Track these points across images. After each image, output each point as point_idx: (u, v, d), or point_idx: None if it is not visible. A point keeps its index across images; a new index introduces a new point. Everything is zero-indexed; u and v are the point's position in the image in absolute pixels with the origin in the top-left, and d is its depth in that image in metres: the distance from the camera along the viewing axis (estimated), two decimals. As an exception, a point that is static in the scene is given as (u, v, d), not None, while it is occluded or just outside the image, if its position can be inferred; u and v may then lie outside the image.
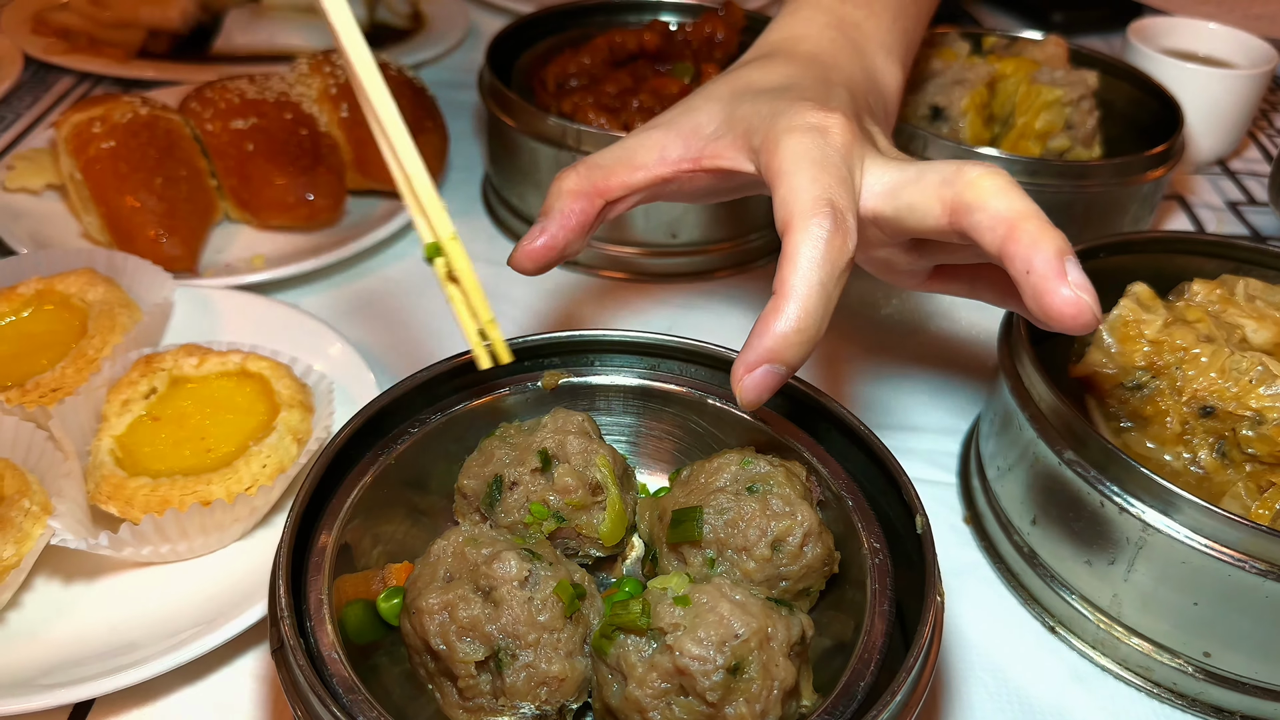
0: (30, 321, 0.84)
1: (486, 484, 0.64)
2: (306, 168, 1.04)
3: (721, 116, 0.68)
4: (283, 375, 0.80)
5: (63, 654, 0.66)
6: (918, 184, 0.60)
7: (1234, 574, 0.63)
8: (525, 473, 0.64)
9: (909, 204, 0.60)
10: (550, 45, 1.23)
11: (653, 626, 0.54)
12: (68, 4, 1.40)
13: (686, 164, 0.69)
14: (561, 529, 0.64)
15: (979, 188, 0.57)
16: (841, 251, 0.58)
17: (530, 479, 0.63)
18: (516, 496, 0.63)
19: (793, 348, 0.57)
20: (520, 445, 0.65)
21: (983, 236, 0.57)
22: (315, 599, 0.56)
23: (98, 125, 0.99)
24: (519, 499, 0.63)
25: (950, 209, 0.58)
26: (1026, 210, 0.56)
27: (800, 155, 0.61)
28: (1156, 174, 1.06)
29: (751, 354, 0.57)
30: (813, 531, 0.60)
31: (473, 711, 0.57)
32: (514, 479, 0.64)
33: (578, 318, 1.03)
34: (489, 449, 0.66)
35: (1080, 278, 0.55)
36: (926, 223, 0.60)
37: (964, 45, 1.18)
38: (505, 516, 0.63)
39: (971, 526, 0.82)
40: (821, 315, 0.58)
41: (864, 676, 0.53)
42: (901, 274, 0.72)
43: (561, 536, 0.64)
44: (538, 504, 0.63)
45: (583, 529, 0.64)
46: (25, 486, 0.70)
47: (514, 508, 0.63)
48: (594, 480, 0.64)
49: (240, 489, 0.71)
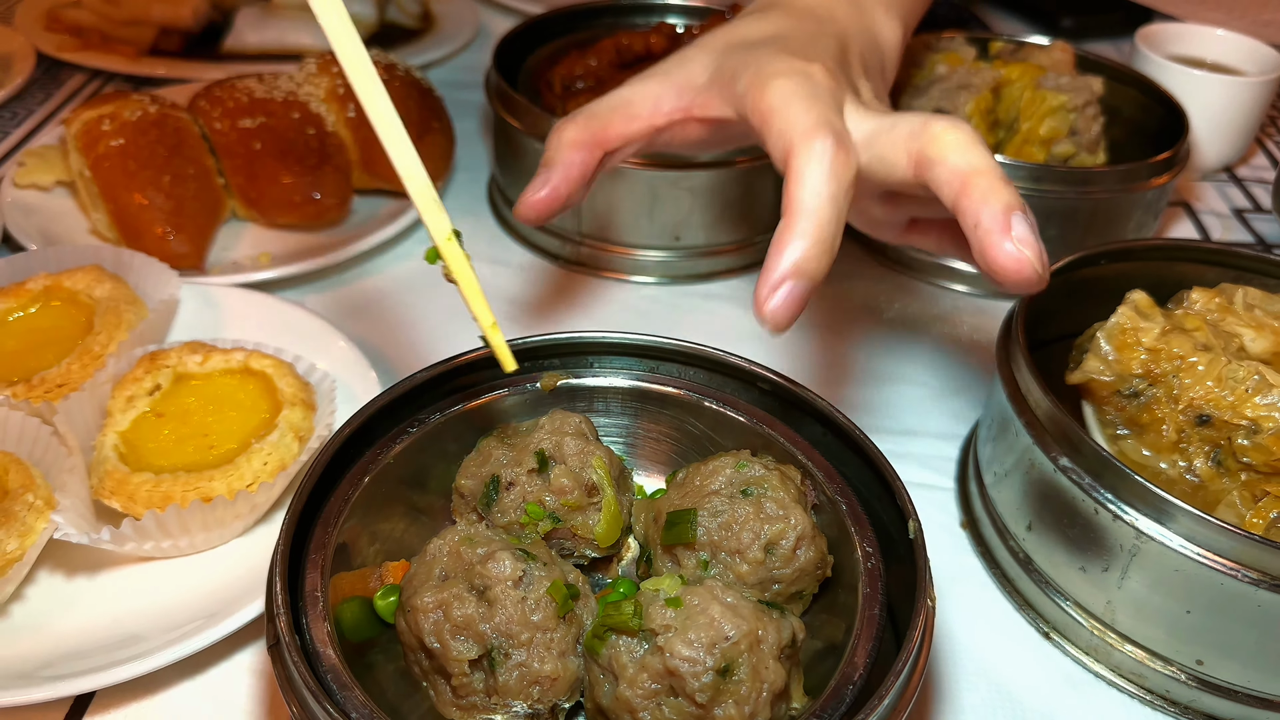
0: (38, 317, 0.85)
1: (483, 484, 0.65)
2: (313, 167, 1.05)
3: (713, 67, 0.69)
4: (286, 373, 0.81)
5: (64, 647, 0.67)
6: (889, 135, 0.61)
7: (1226, 583, 0.63)
8: (522, 473, 0.64)
9: (880, 155, 0.61)
10: (558, 47, 1.24)
11: (644, 627, 0.54)
12: (80, 1, 1.41)
13: (679, 114, 0.70)
14: (557, 530, 0.64)
15: (941, 142, 0.58)
16: (846, 166, 0.58)
17: (527, 479, 0.64)
18: (513, 497, 0.64)
19: (811, 260, 0.57)
20: (517, 446, 0.66)
21: (941, 190, 0.57)
22: (311, 595, 0.57)
23: (107, 123, 1.00)
24: (515, 499, 0.64)
25: (915, 162, 0.59)
26: (982, 165, 0.57)
27: (790, 92, 0.62)
28: (1161, 180, 1.06)
29: (773, 274, 0.58)
30: (806, 535, 0.61)
31: (466, 709, 0.57)
32: (510, 479, 0.64)
33: (579, 319, 1.04)
34: (486, 449, 0.67)
35: (1026, 233, 0.55)
36: (895, 175, 0.61)
37: (970, 50, 1.18)
38: (501, 516, 0.64)
39: (968, 531, 0.83)
40: (835, 228, 0.58)
41: (853, 679, 0.54)
42: (879, 225, 0.73)
43: (557, 537, 0.65)
44: (534, 504, 0.64)
45: (578, 530, 0.64)
46: (30, 481, 0.71)
47: (510, 508, 0.64)
48: (590, 481, 0.64)
49: (242, 485, 0.72)
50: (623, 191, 1.03)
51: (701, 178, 1.02)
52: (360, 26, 1.51)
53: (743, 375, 0.72)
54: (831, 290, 1.09)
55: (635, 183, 1.02)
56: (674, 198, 1.03)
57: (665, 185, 1.02)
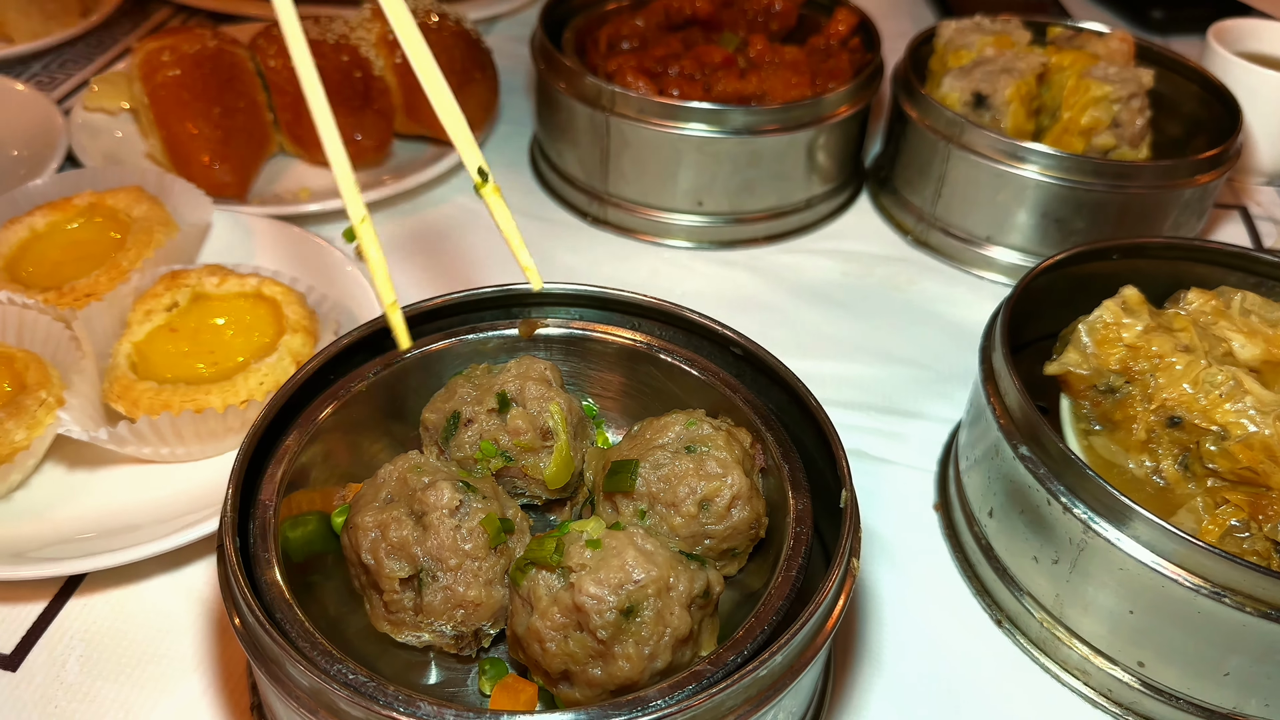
0: (79, 231, 0.91)
1: (445, 418, 0.68)
2: (356, 109, 1.09)
3: None
4: (294, 301, 0.85)
5: (59, 533, 0.73)
6: None
7: (1168, 586, 0.63)
8: (482, 411, 0.67)
9: None
10: (615, 6, 1.25)
11: (562, 564, 0.57)
12: (172, -63, 1.48)
13: None
14: (508, 468, 0.67)
15: None
16: None
17: (486, 418, 0.67)
18: (470, 433, 0.67)
19: None
20: (482, 386, 0.68)
21: None
22: (263, 511, 0.61)
23: (167, 54, 1.05)
24: (472, 436, 0.67)
25: None
26: None
27: None
28: (1205, 179, 1.02)
29: None
30: (741, 495, 0.62)
31: (396, 625, 0.61)
32: (470, 416, 0.67)
33: (594, 274, 1.06)
34: (454, 386, 0.70)
35: None
36: None
37: (1024, 34, 1.16)
38: (458, 451, 0.67)
39: (940, 514, 0.83)
40: None
41: (755, 635, 0.55)
42: None
43: (509, 475, 0.67)
44: (488, 442, 0.66)
45: (529, 470, 0.67)
46: (46, 379, 0.77)
47: (467, 443, 0.67)
48: (545, 426, 0.67)
49: (235, 401, 0.77)
50: (648, 154, 1.05)
51: (726, 143, 1.03)
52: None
53: (716, 338, 0.73)
54: (855, 267, 1.09)
55: (660, 145, 1.03)
56: (697, 163, 1.04)
57: (690, 149, 1.03)
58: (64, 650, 0.69)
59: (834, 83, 1.09)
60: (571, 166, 1.12)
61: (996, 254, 1.08)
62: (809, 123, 1.05)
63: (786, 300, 1.05)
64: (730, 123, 1.02)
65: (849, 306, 1.04)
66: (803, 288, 1.06)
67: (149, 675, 0.68)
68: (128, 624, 0.71)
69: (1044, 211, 1.03)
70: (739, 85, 1.06)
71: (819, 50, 1.15)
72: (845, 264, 1.10)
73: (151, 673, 0.69)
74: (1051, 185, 1.01)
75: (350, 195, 0.63)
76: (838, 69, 1.11)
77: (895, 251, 1.12)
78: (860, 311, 1.04)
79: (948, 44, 1.16)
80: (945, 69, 1.13)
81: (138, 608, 0.72)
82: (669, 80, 1.07)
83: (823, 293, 1.06)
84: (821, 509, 0.65)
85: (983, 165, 1.03)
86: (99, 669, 0.69)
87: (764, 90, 1.06)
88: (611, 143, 1.06)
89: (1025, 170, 1.01)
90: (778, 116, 1.03)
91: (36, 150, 1.08)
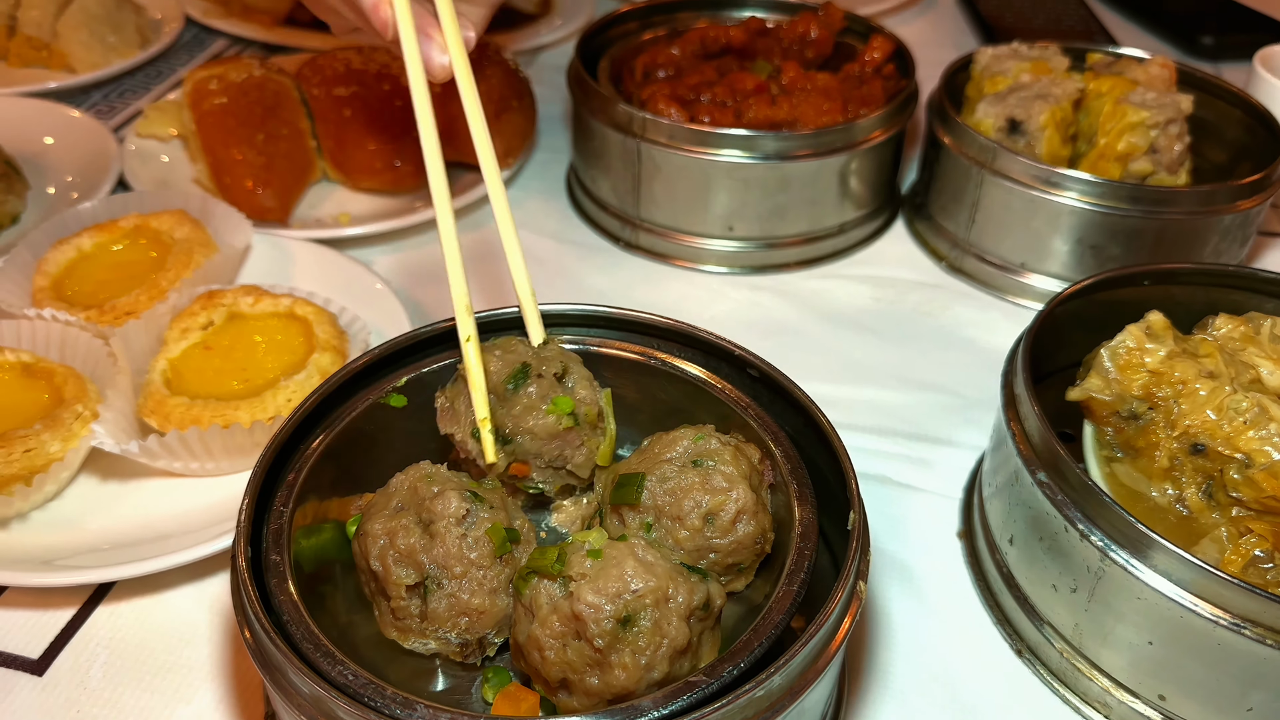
0: (124, 252, 0.95)
1: (513, 367, 0.68)
2: (396, 136, 1.11)
3: None
4: (325, 321, 0.87)
5: (88, 542, 0.75)
6: None
7: (1186, 617, 0.61)
8: (549, 374, 0.68)
9: None
10: (652, 36, 1.27)
11: (563, 573, 0.57)
12: (231, -28, 1.54)
13: None
14: (571, 431, 0.67)
15: None
16: None
17: (550, 382, 0.68)
18: (543, 388, 0.67)
19: None
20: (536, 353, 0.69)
21: None
22: (278, 520, 0.62)
23: (215, 83, 1.09)
24: (544, 390, 0.67)
25: None
26: None
27: None
28: (1247, 204, 1.01)
29: None
30: (747, 509, 0.62)
31: (403, 631, 0.61)
32: (540, 372, 0.68)
33: (623, 296, 1.07)
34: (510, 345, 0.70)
35: None
36: None
37: (1063, 60, 1.15)
38: (524, 399, 0.67)
39: (963, 542, 0.82)
40: None
41: (752, 648, 0.55)
42: None
43: (567, 441, 0.68)
44: (567, 399, 0.67)
45: (586, 441, 0.68)
46: (83, 393, 0.80)
47: (536, 396, 0.67)
48: (602, 408, 0.69)
49: (263, 417, 0.79)
50: (679, 179, 1.06)
51: (757, 169, 1.03)
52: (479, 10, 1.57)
53: (733, 360, 0.73)
54: (887, 293, 1.09)
55: (691, 170, 1.04)
56: (728, 188, 1.05)
57: (721, 174, 1.04)
58: (89, 656, 0.71)
59: (866, 109, 1.09)
60: (604, 192, 1.13)
61: (1032, 281, 1.07)
62: (841, 148, 1.05)
63: (816, 325, 1.04)
64: (761, 148, 1.03)
65: (880, 332, 1.04)
66: (833, 313, 1.06)
67: (169, 683, 0.70)
68: (151, 632, 0.73)
69: (1079, 238, 1.02)
70: (770, 111, 1.07)
71: (853, 77, 1.15)
72: (877, 290, 1.10)
73: (171, 681, 0.70)
74: (1087, 211, 1.00)
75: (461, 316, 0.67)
76: (871, 95, 1.12)
77: (929, 278, 1.11)
78: (891, 337, 1.03)
79: (984, 70, 1.15)
80: (981, 96, 1.12)
81: (162, 617, 0.74)
82: (701, 107, 1.08)
83: (853, 318, 1.06)
84: (837, 531, 0.65)
85: (1016, 191, 1.02)
86: (121, 676, 0.70)
87: (795, 116, 1.07)
88: (643, 168, 1.07)
89: (1060, 196, 1.00)
90: (809, 142, 1.04)
91: (90, 175, 1.13)
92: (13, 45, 1.38)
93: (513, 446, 0.67)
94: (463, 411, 0.68)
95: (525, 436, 0.67)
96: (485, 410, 0.66)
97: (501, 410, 0.67)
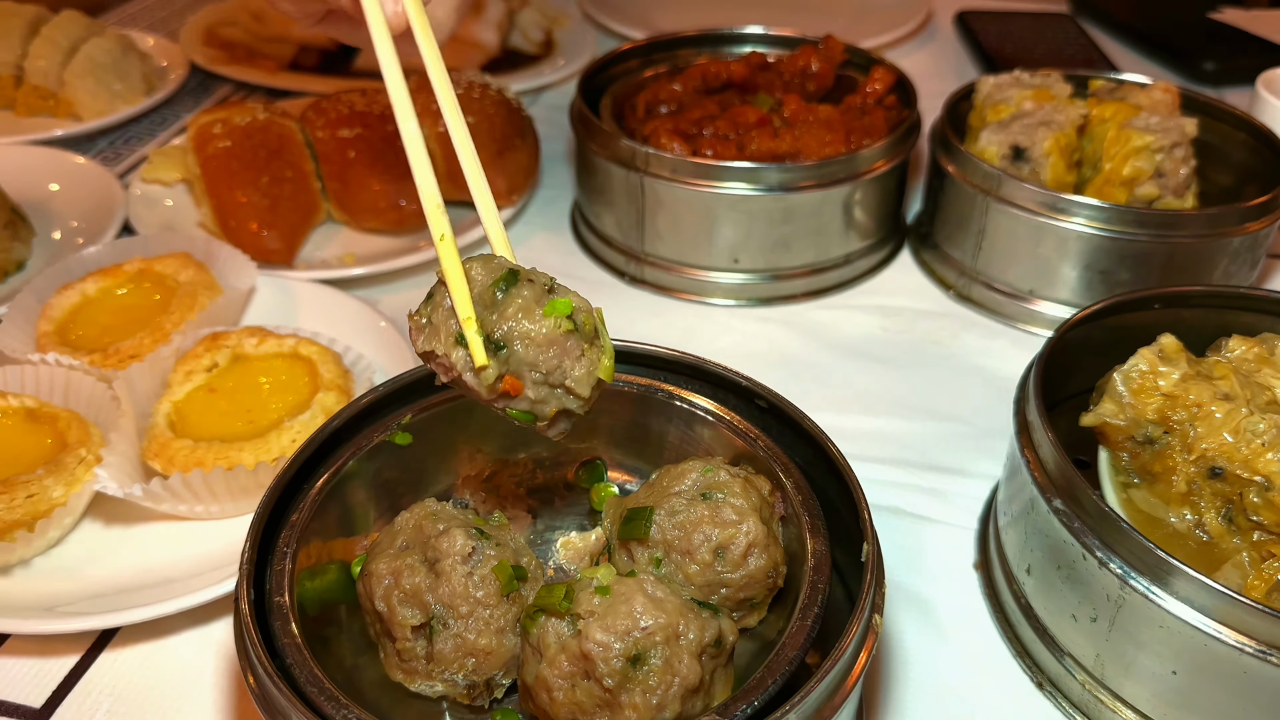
0: (128, 296, 0.95)
1: (498, 275, 0.58)
2: (400, 176, 1.12)
3: None
4: (329, 360, 0.86)
5: (91, 588, 0.74)
6: None
7: (1211, 645, 0.60)
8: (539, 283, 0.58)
9: None
10: (653, 73, 1.28)
11: (571, 611, 0.56)
12: (235, 20, 1.55)
13: None
14: (570, 337, 0.57)
15: None
16: None
17: (541, 289, 0.58)
18: (536, 292, 0.57)
19: None
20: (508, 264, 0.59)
21: None
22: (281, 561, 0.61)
23: (218, 126, 1.10)
24: (538, 294, 0.57)
25: None
26: None
27: None
28: (1255, 226, 1.00)
29: None
30: (758, 542, 0.61)
31: (409, 674, 0.60)
32: (531, 279, 0.58)
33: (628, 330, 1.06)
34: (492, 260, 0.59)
35: None
36: None
37: (1065, 87, 1.15)
38: (517, 299, 0.57)
39: (980, 573, 0.80)
40: None
41: (766, 686, 0.54)
42: None
43: (566, 348, 0.57)
44: (564, 300, 0.57)
45: (587, 351, 0.57)
46: (86, 438, 0.79)
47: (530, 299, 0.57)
48: (596, 325, 0.59)
49: (267, 458, 0.78)
50: (683, 213, 1.05)
51: (761, 201, 1.03)
52: (482, 52, 1.59)
53: (742, 392, 0.73)
54: (895, 323, 1.08)
55: (695, 204, 1.04)
56: (733, 220, 1.04)
57: (724, 207, 1.04)
58: (93, 705, 0.70)
59: (869, 139, 1.09)
60: (609, 227, 1.13)
61: (1041, 307, 1.06)
62: (844, 179, 1.05)
63: (825, 356, 1.04)
64: (765, 180, 1.03)
65: (889, 362, 1.03)
66: (841, 343, 1.05)
67: (173, 729, 0.69)
68: (156, 678, 0.72)
69: (1087, 263, 1.01)
70: (773, 144, 1.07)
71: (854, 108, 1.15)
72: (885, 319, 1.09)
73: (175, 727, 0.69)
74: (1095, 236, 0.99)
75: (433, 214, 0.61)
76: (873, 126, 1.12)
77: (937, 306, 1.11)
78: (900, 367, 1.02)
79: (986, 99, 1.15)
80: (984, 124, 1.12)
81: (166, 662, 0.73)
82: (703, 141, 1.08)
83: (862, 348, 1.05)
84: (850, 563, 0.64)
85: (1022, 218, 1.02)
86: (125, 723, 0.69)
87: (798, 148, 1.07)
88: (646, 203, 1.07)
89: (1067, 222, 0.99)
90: (812, 173, 1.03)
91: (95, 220, 1.13)
92: (20, 95, 1.39)
93: (506, 353, 0.57)
94: (441, 324, 0.57)
95: (520, 343, 0.56)
96: (469, 309, 0.57)
97: (492, 317, 0.57)
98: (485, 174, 0.67)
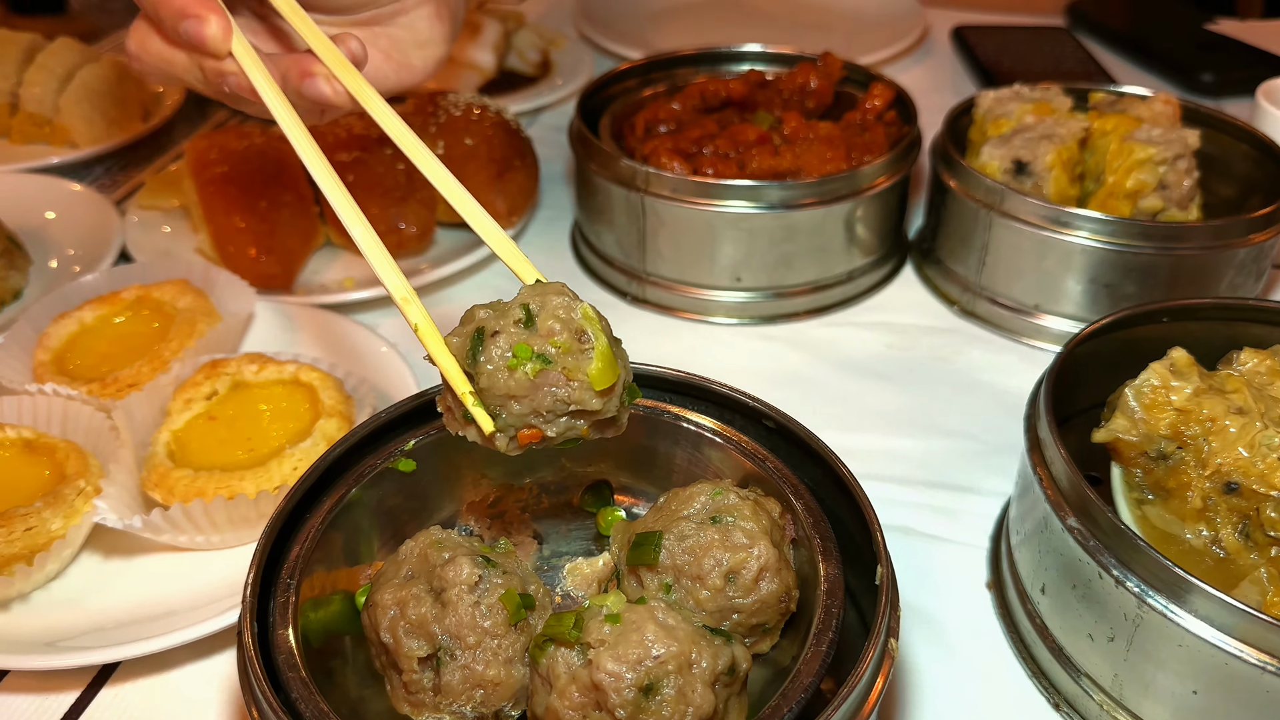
0: (126, 324, 0.94)
1: (468, 339, 0.59)
2: (399, 199, 1.11)
3: None
4: (330, 386, 0.85)
5: (91, 622, 0.73)
6: None
7: (1232, 663, 0.59)
8: (509, 324, 0.59)
9: None
10: (652, 92, 1.27)
11: (581, 640, 0.55)
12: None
13: None
14: (548, 373, 0.57)
15: None
16: None
17: (513, 329, 0.58)
18: (500, 344, 0.58)
19: None
20: (499, 308, 0.61)
21: None
22: (285, 593, 0.60)
23: (215, 152, 1.09)
24: (502, 346, 0.58)
25: None
26: None
27: None
28: (1261, 237, 0.99)
29: None
30: (769, 566, 0.60)
31: (416, 706, 0.59)
32: (496, 329, 0.59)
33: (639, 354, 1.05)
34: (470, 315, 0.61)
35: None
36: None
37: (1065, 101, 1.15)
38: (487, 365, 0.58)
39: (993, 592, 0.79)
40: None
41: (781, 714, 0.53)
42: None
43: (549, 385, 0.58)
44: (523, 345, 0.58)
45: (570, 373, 0.57)
46: (85, 469, 0.78)
47: (496, 356, 0.58)
48: (579, 327, 0.59)
49: (268, 486, 0.77)
50: (684, 232, 1.05)
51: (762, 219, 1.02)
52: (479, 74, 1.58)
53: (750, 413, 0.72)
54: (899, 339, 1.07)
55: (696, 223, 1.04)
56: (734, 239, 1.04)
57: (725, 226, 1.03)
58: (93, 740, 0.69)
59: (870, 156, 1.09)
60: (610, 248, 1.13)
61: (1047, 322, 1.05)
62: (845, 196, 1.04)
63: (829, 374, 1.03)
64: (766, 198, 1.02)
65: (894, 379, 1.02)
66: (846, 361, 1.05)
67: (175, 765, 0.68)
68: (158, 713, 0.71)
69: (1092, 277, 1.00)
70: (773, 162, 1.06)
71: (854, 125, 1.15)
72: (889, 336, 1.08)
73: (178, 762, 0.68)
74: (1099, 250, 0.99)
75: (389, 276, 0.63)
76: (874, 143, 1.11)
77: (941, 322, 1.10)
78: (906, 384, 1.01)
79: (986, 114, 1.15)
80: (985, 139, 1.12)
81: (168, 697, 0.71)
82: (703, 160, 1.07)
83: (867, 366, 1.04)
84: (864, 587, 0.63)
85: (1026, 232, 1.01)
86: (126, 759, 0.68)
87: (798, 166, 1.06)
88: (647, 222, 1.06)
89: (1070, 236, 0.99)
90: (813, 190, 1.03)
91: (92, 248, 1.12)
92: (15, 122, 1.39)
93: (504, 419, 0.58)
94: (454, 405, 0.60)
95: (510, 403, 0.58)
96: (464, 384, 0.58)
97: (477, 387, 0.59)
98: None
